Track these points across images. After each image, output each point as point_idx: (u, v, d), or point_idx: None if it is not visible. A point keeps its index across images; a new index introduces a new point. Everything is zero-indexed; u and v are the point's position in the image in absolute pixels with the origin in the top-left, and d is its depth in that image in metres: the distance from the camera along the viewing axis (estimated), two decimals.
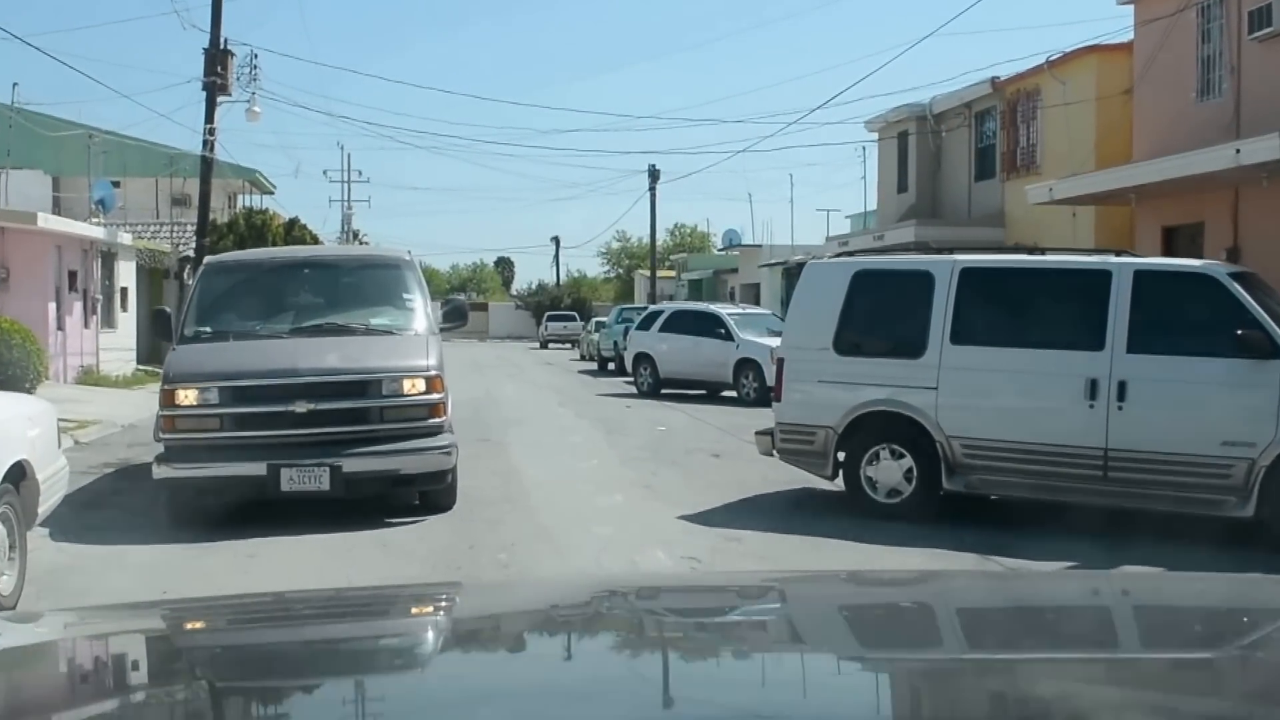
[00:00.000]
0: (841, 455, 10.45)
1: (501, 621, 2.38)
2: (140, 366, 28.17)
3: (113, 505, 11.00)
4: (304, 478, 9.57)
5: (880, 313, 10.69)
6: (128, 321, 29.12)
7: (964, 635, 2.25)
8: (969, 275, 10.17)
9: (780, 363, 11.05)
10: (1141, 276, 9.60)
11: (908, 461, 10.15)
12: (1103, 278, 9.67)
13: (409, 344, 10.50)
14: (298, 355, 10.12)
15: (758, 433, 11.40)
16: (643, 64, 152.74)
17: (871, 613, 2.41)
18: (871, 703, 1.81)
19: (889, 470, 10.22)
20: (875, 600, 2.56)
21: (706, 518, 10.19)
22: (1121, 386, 9.36)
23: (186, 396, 9.78)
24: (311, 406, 9.71)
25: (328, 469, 9.58)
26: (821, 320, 10.63)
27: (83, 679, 1.94)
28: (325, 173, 65.87)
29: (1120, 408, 9.35)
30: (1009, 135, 26.40)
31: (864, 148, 36.95)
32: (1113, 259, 10.07)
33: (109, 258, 27.98)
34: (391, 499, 10.36)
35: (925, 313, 10.13)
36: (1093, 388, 9.44)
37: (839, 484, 10.61)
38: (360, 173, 75.32)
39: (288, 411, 9.69)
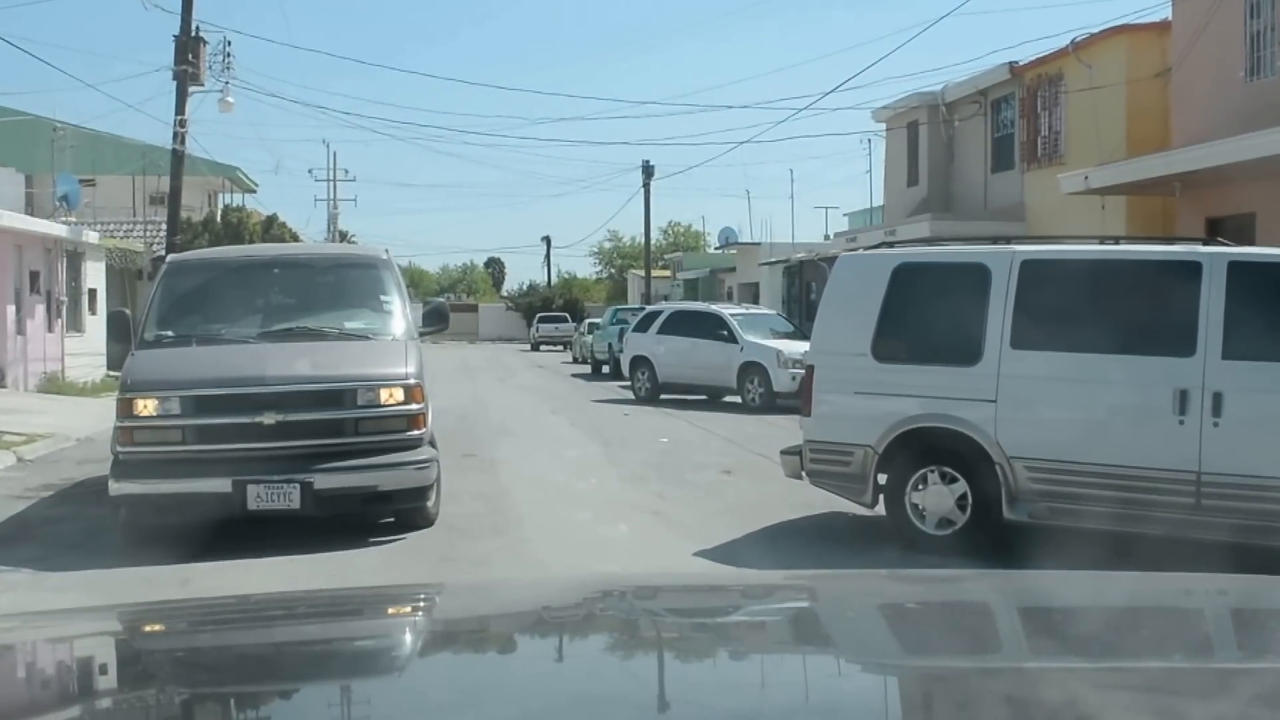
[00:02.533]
0: (883, 479, 9.02)
1: (490, 623, 2.27)
2: (110, 372, 26.70)
3: (41, 538, 9.68)
4: (272, 495, 8.88)
5: (927, 313, 9.28)
6: (96, 325, 27.63)
7: (967, 638, 2.12)
8: (1031, 269, 8.74)
9: (809, 371, 9.61)
10: (1237, 269, 8.17)
11: (961, 487, 8.74)
12: (1191, 270, 8.25)
13: (386, 350, 9.78)
14: (266, 362, 9.40)
15: (783, 452, 9.92)
16: (639, 53, 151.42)
17: (875, 615, 2.30)
18: (874, 707, 1.72)
19: (939, 497, 8.81)
20: (878, 602, 2.41)
21: (728, 554, 8.72)
22: (1217, 399, 7.96)
23: (145, 406, 9.09)
24: (281, 418, 9.01)
25: (298, 485, 8.87)
26: (857, 322, 9.20)
27: (43, 684, 1.84)
28: (310, 171, 64.67)
29: (1215, 424, 7.95)
30: (1029, 123, 25.02)
31: (870, 140, 35.60)
32: (1201, 248, 8.64)
33: (75, 257, 26.59)
34: (366, 518, 9.43)
35: (980, 313, 8.72)
36: (1182, 400, 8.03)
37: (879, 509, 9.19)
38: (346, 171, 73.74)
39: (255, 423, 9.00)
